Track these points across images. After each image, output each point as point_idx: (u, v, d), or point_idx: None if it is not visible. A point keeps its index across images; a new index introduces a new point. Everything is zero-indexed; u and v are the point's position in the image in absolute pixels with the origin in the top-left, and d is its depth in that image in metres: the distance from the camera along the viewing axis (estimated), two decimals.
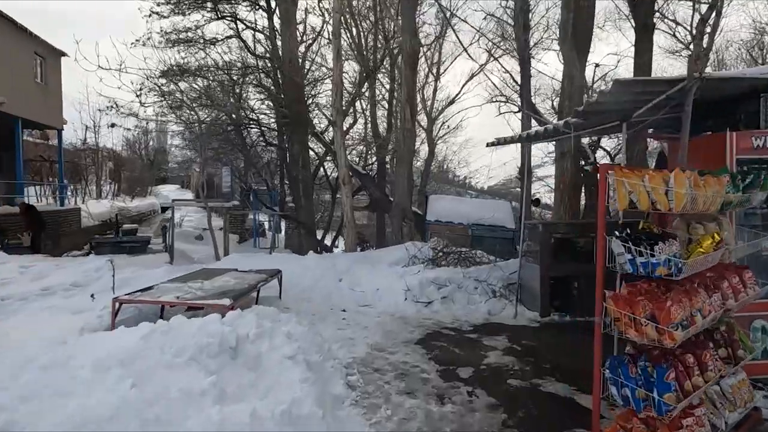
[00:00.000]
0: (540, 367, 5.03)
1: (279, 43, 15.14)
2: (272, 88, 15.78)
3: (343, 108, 14.70)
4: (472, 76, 29.63)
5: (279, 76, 15.22)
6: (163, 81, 14.36)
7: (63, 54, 20.92)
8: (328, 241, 19.59)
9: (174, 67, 14.72)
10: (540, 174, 20.89)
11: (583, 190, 11.98)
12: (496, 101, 20.55)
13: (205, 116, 15.12)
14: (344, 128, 16.50)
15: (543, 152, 17.50)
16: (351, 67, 21.01)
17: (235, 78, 15.65)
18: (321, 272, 9.25)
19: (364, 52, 17.96)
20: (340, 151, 12.71)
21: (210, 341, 3.49)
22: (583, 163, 12.53)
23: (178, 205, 15.83)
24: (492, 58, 19.63)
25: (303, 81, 15.55)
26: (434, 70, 28.35)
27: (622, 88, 3.92)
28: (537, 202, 15.09)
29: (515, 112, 19.69)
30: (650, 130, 6.35)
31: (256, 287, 5.93)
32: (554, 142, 14.90)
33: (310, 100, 17.20)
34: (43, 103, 19.79)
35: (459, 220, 13.38)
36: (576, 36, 9.50)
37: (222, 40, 15.91)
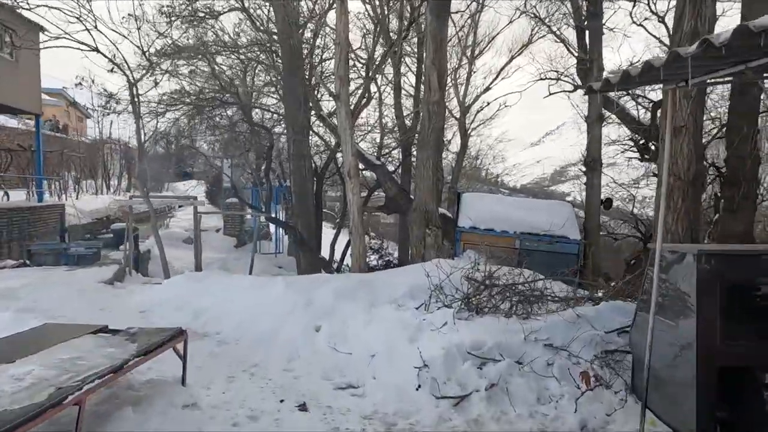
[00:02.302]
0: None
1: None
2: (279, 65, 12.86)
3: (350, 77, 11.37)
4: (510, 59, 25.68)
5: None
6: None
7: (41, 29, 18.19)
8: (340, 249, 16.25)
9: (169, 47, 12.07)
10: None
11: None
12: (545, 79, 16.71)
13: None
14: (355, 106, 13.24)
15: (607, 137, 13.63)
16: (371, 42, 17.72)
17: (238, 55, 12.91)
18: (289, 311, 5.89)
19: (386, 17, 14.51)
20: (345, 134, 9.50)
21: None
22: None
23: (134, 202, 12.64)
24: (543, 25, 15.90)
25: (300, 46, 12.24)
26: (468, 53, 24.72)
27: None
28: (609, 203, 11.32)
29: (570, 91, 15.86)
30: None
31: (56, 405, 2.56)
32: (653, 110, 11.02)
33: (314, 78, 13.99)
34: (12, 83, 17.12)
35: (503, 227, 9.81)
36: None
37: (223, 12, 13.01)
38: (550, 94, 16.31)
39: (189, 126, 12.59)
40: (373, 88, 15.05)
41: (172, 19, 12.65)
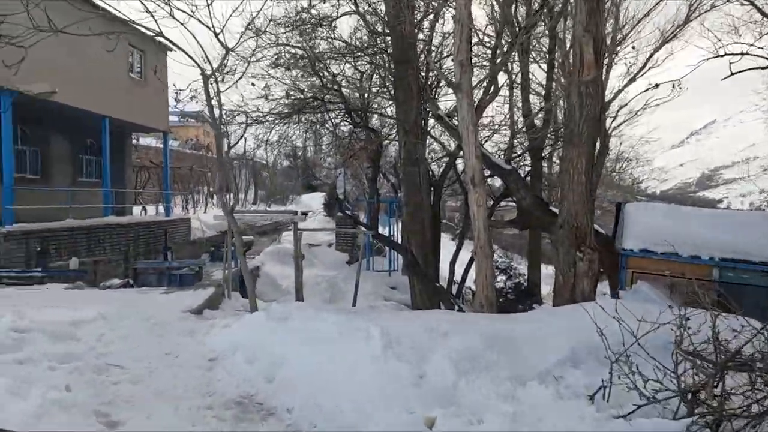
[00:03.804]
0: None
1: None
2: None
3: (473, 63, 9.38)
4: (663, 43, 21.46)
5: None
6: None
7: (169, 48, 18.85)
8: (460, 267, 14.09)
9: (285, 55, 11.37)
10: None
11: None
12: (726, 54, 13.02)
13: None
14: (478, 100, 11.17)
15: None
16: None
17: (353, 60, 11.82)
18: (388, 387, 3.95)
19: None
20: (468, 131, 7.59)
21: None
22: None
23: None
24: None
25: (414, 33, 10.46)
26: (608, 41, 21.14)
27: None
28: None
29: (764, 67, 12.12)
30: None
31: None
32: None
33: (431, 72, 12.17)
34: (141, 103, 17.81)
35: (691, 250, 6.99)
36: None
37: (338, 17, 11.96)
38: (733, 73, 12.65)
39: (286, 130, 11.46)
40: (500, 79, 12.87)
41: (287, 29, 11.84)
